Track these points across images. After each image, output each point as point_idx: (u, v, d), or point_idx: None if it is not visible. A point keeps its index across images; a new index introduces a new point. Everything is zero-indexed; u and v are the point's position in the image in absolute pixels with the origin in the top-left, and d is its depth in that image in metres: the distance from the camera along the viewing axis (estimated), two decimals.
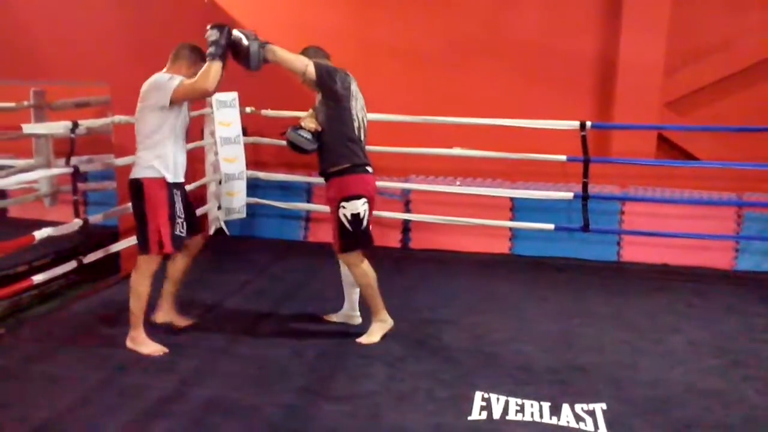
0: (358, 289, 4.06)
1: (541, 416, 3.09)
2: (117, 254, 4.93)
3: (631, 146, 5.81)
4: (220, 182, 5.90)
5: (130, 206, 4.87)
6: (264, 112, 5.97)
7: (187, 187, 5.65)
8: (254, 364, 3.60)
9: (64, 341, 3.88)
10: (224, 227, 6.10)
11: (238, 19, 6.40)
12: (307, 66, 3.65)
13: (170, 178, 3.63)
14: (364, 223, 3.77)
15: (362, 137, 3.81)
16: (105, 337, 3.95)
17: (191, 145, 5.77)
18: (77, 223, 4.37)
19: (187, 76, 3.59)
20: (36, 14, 4.67)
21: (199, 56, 3.65)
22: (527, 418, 3.08)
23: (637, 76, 5.82)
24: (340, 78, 3.70)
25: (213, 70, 3.47)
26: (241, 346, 3.85)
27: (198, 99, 3.80)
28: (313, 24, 6.23)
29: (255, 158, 6.29)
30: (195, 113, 5.78)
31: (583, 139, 5.23)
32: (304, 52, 3.78)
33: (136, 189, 3.63)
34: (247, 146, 5.98)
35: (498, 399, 3.22)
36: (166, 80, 3.57)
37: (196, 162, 6.13)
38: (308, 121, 3.75)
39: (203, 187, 6.11)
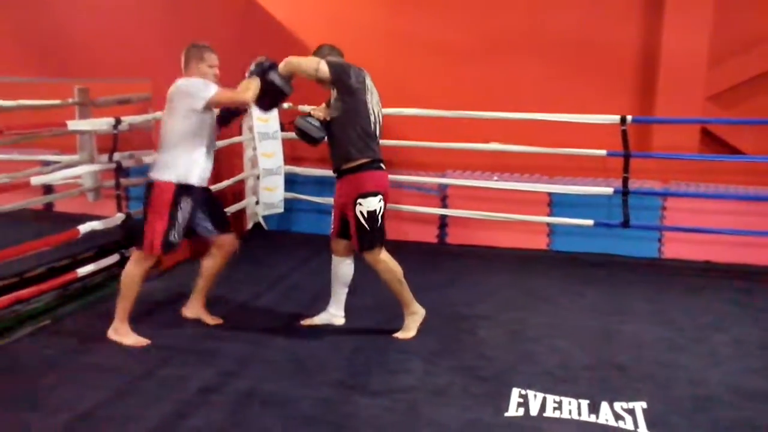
0: (346, 289, 4.05)
1: (579, 414, 3.05)
2: None
3: (673, 140, 5.68)
4: (258, 177, 5.96)
5: None
6: (302, 107, 6.00)
7: (226, 183, 5.81)
8: (291, 358, 3.63)
9: (107, 332, 3.96)
10: (262, 222, 6.16)
11: (276, 16, 6.46)
12: (318, 64, 3.63)
13: (181, 181, 3.70)
14: (380, 220, 3.75)
15: (378, 133, 3.80)
16: (145, 329, 4.03)
17: (229, 141, 5.88)
18: (120, 217, 4.46)
19: (202, 71, 3.74)
20: (79, 13, 4.78)
21: (203, 48, 3.81)
22: (565, 415, 3.05)
23: (680, 69, 5.69)
24: (354, 72, 3.67)
25: (254, 84, 3.65)
26: (279, 340, 3.89)
27: (233, 106, 3.89)
28: (350, 19, 6.25)
29: (292, 153, 6.34)
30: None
31: (624, 133, 5.14)
32: (318, 51, 3.78)
33: (147, 188, 3.75)
34: (284, 141, 6.03)
35: (535, 396, 3.20)
36: (200, 85, 3.65)
37: (234, 157, 6.21)
38: (317, 110, 3.78)
39: (241, 182, 6.18)
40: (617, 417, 3.03)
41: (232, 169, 6.17)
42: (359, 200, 3.70)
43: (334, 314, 4.12)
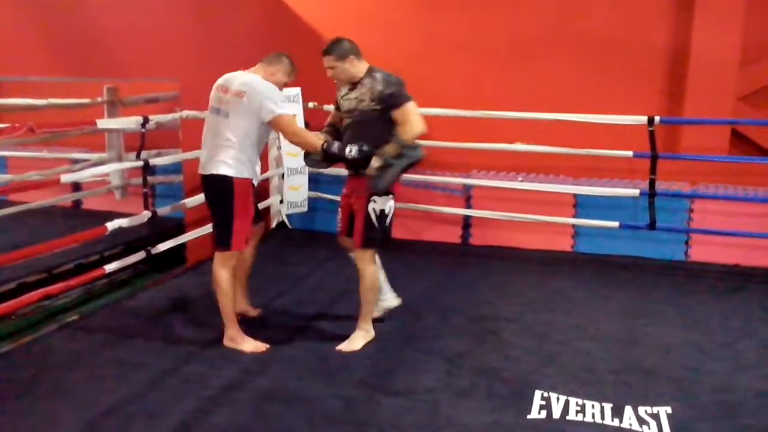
0: (382, 271, 4.02)
1: (603, 417, 3.02)
2: (183, 245, 5.08)
3: (702, 142, 5.60)
4: (282, 176, 5.99)
5: (197, 199, 5.04)
6: (326, 107, 6.03)
7: None
8: (314, 356, 3.65)
9: (133, 329, 4.02)
10: (286, 220, 6.20)
11: (303, 16, 6.48)
12: (420, 119, 3.59)
13: (253, 178, 3.68)
14: (388, 220, 3.73)
15: None
16: (171, 326, 4.08)
17: None
18: (146, 214, 4.52)
19: (279, 83, 3.65)
20: (109, 13, 4.84)
21: (294, 69, 3.75)
22: (588, 419, 3.02)
23: (710, 69, 5.61)
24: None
25: (312, 140, 3.61)
26: (302, 338, 3.91)
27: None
28: (378, 18, 6.25)
29: None
30: None
31: (651, 134, 5.07)
32: (340, 44, 3.63)
33: (226, 186, 3.57)
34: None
35: (558, 398, 3.17)
36: (278, 96, 3.56)
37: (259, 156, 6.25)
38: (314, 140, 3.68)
39: (266, 181, 6.21)
40: (641, 422, 2.99)
41: None
42: (374, 197, 3.67)
43: (386, 298, 4.13)
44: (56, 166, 6.22)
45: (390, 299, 4.15)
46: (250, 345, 3.68)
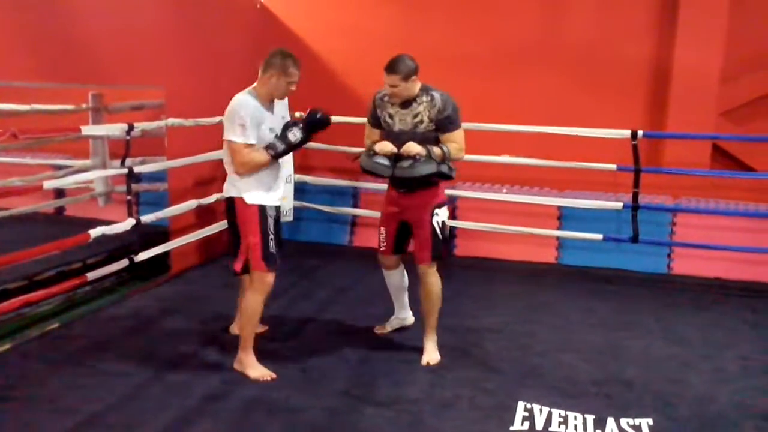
0: (407, 292, 4.08)
1: (585, 429, 3.04)
2: (167, 253, 5.05)
3: (684, 156, 5.67)
4: None
5: (181, 207, 5.03)
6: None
7: None
8: (297, 367, 3.63)
9: (114, 337, 3.99)
10: None
11: (291, 26, 6.50)
12: (461, 129, 3.67)
13: (266, 202, 3.48)
14: (447, 231, 3.80)
15: None
16: (153, 335, 4.05)
17: None
18: (130, 222, 4.49)
19: (280, 88, 3.41)
20: (95, 19, 4.81)
21: (288, 60, 3.40)
22: (570, 430, 3.03)
23: (692, 85, 5.69)
24: None
25: (260, 159, 3.38)
26: (285, 349, 3.90)
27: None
28: (364, 29, 6.29)
29: (303, 162, 6.36)
30: None
31: (635, 148, 5.13)
32: (406, 63, 3.52)
33: (234, 207, 3.48)
34: (295, 150, 6.04)
35: (541, 410, 3.18)
36: (235, 120, 3.34)
37: None
38: (383, 145, 3.58)
39: None
40: None
41: None
42: (436, 210, 3.69)
43: (405, 317, 4.17)
44: (39, 172, 6.15)
45: (408, 317, 4.19)
46: (257, 372, 3.48)
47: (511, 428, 3.03)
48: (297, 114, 4.05)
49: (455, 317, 4.43)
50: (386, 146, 3.55)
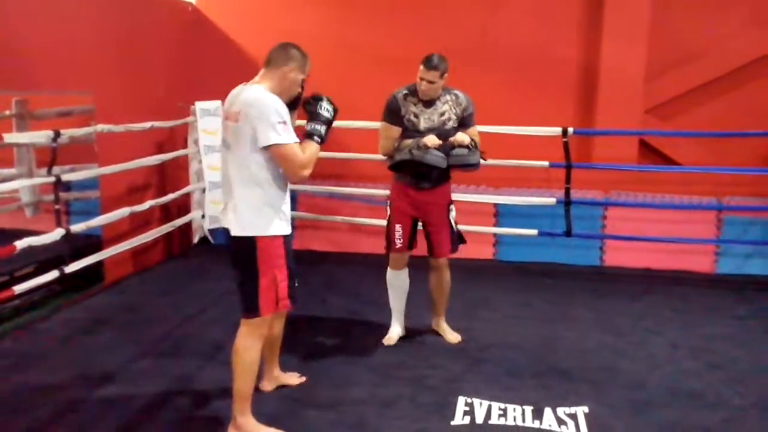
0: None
1: (524, 420, 3.11)
2: (101, 263, 4.92)
3: (613, 152, 5.87)
4: (204, 191, 5.89)
5: (114, 215, 4.90)
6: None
7: (171, 196, 5.73)
8: None
9: (46, 351, 3.86)
10: (209, 236, 6.08)
11: (221, 26, 6.42)
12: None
13: (286, 226, 2.91)
14: (457, 224, 4.02)
15: None
16: (88, 347, 3.93)
17: (174, 154, 5.81)
18: (59, 232, 4.35)
19: (295, 84, 2.87)
20: (20, 24, 4.65)
21: (308, 59, 2.91)
22: (510, 422, 3.10)
23: (619, 83, 5.90)
24: None
25: (314, 153, 2.82)
26: (224, 354, 3.82)
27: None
28: (299, 31, 6.21)
29: None
30: (179, 122, 5.80)
31: (566, 145, 5.27)
32: (446, 62, 3.70)
33: (245, 246, 2.82)
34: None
35: (481, 404, 3.24)
36: (274, 119, 2.67)
37: (179, 170, 6.14)
38: (432, 139, 3.62)
39: (187, 196, 6.10)
40: (560, 422, 3.09)
41: (178, 182, 6.10)
42: (451, 206, 3.95)
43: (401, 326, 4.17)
44: None
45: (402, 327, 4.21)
46: None
47: (453, 423, 3.08)
48: None
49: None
50: (434, 140, 3.64)
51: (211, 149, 5.77)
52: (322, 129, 2.87)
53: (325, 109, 2.90)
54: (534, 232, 5.50)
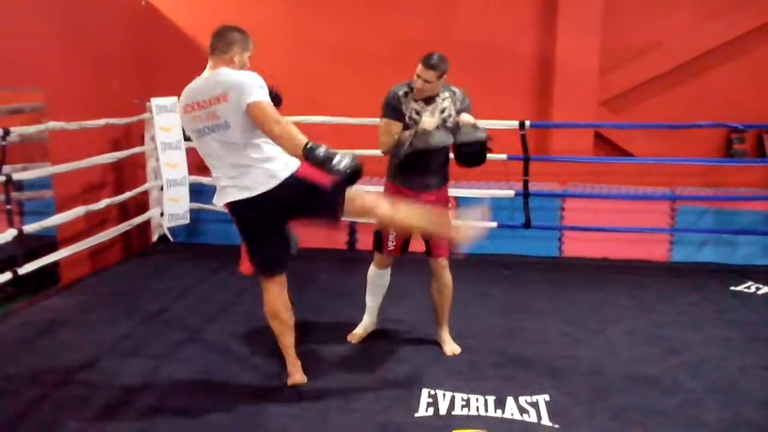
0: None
1: (486, 410, 3.15)
2: (56, 264, 4.81)
3: (569, 144, 5.97)
4: (162, 188, 5.80)
5: (69, 214, 4.79)
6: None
7: (128, 194, 5.64)
8: (200, 370, 3.56)
9: (1, 354, 3.76)
10: (168, 234, 6.00)
11: (174, 19, 6.32)
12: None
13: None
14: None
15: None
16: (44, 350, 3.84)
17: (131, 152, 5.71)
18: (11, 233, 4.23)
19: (246, 64, 3.11)
20: None
21: (250, 38, 3.17)
22: (473, 412, 3.13)
23: (574, 77, 5.99)
24: None
25: (296, 133, 2.90)
26: (187, 352, 3.81)
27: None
28: (250, 23, 6.06)
29: (197, 163, 6.17)
30: (134, 118, 5.70)
31: (523, 137, 5.34)
32: (446, 63, 3.65)
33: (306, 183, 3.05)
34: (188, 151, 5.90)
35: (444, 395, 3.27)
36: (255, 83, 2.93)
37: (136, 168, 6.04)
38: (429, 122, 3.60)
39: (145, 194, 6.01)
40: (522, 410, 3.14)
41: (135, 179, 6.00)
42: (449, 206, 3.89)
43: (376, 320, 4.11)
44: None
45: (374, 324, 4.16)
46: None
47: (416, 415, 3.10)
48: None
49: (358, 310, 4.46)
50: (431, 121, 3.59)
51: (168, 146, 5.68)
52: (320, 150, 2.86)
53: (339, 161, 2.90)
54: (493, 224, 5.55)
